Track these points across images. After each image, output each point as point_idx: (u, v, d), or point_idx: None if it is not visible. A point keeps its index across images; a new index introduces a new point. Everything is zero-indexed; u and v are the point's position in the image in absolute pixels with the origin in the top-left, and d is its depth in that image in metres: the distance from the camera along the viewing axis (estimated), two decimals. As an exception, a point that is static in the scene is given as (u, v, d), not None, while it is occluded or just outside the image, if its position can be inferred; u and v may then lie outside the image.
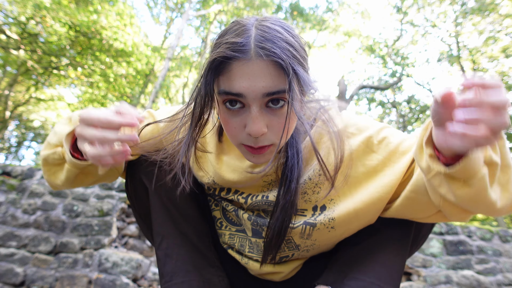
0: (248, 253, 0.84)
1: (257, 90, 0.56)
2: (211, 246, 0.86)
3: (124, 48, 9.55)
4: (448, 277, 3.11)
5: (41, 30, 8.49)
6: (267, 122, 0.59)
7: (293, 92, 0.55)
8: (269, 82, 0.56)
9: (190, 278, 0.76)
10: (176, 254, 0.78)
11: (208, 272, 0.80)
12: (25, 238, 2.86)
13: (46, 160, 0.71)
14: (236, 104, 0.59)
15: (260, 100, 0.57)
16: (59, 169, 0.72)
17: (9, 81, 10.88)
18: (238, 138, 0.63)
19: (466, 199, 0.54)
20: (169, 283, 0.76)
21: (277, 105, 0.59)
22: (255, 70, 0.55)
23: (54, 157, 0.70)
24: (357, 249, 0.77)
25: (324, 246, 0.81)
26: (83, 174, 0.73)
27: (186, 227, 0.81)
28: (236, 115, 0.61)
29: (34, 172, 3.23)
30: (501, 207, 0.55)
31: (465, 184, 0.52)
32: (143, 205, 0.85)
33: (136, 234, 3.12)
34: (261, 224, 0.79)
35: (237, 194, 0.81)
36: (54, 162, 0.71)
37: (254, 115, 0.58)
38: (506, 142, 0.53)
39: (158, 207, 0.81)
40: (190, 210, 0.83)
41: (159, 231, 0.80)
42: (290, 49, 0.57)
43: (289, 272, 0.86)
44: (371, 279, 0.70)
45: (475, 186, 0.51)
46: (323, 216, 0.74)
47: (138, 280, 2.82)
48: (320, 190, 0.74)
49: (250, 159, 0.66)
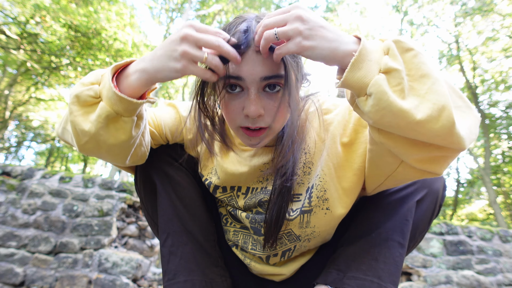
0: (251, 250, 0.85)
1: (256, 73, 0.61)
2: (216, 245, 0.86)
3: (124, 48, 9.56)
4: (448, 277, 3.11)
5: (41, 30, 8.49)
6: (264, 105, 0.64)
7: (289, 78, 0.61)
8: (266, 67, 0.61)
9: (193, 278, 0.76)
10: (180, 252, 0.78)
11: (211, 271, 0.80)
12: (25, 238, 2.86)
13: (78, 97, 0.62)
14: (236, 88, 0.64)
15: (258, 84, 0.62)
16: (91, 109, 0.63)
17: (9, 81, 10.88)
18: (237, 121, 0.67)
19: (375, 114, 0.53)
20: (172, 281, 0.76)
21: (274, 90, 0.64)
22: (254, 56, 0.61)
23: (89, 93, 0.62)
24: (355, 247, 0.77)
25: (324, 233, 0.82)
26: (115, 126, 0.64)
27: (193, 225, 0.82)
28: (235, 98, 0.65)
29: (34, 172, 3.23)
30: (423, 118, 0.50)
31: (367, 97, 0.53)
32: (151, 201, 0.86)
33: (136, 234, 3.12)
34: (259, 221, 0.80)
35: (236, 190, 0.82)
36: (87, 100, 0.62)
37: (252, 98, 0.62)
38: (420, 54, 0.52)
39: (165, 204, 0.81)
40: (198, 208, 0.84)
41: (164, 228, 0.81)
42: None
43: (290, 273, 0.87)
44: (370, 277, 0.71)
45: (374, 93, 0.52)
46: (316, 199, 0.76)
47: (138, 280, 2.82)
48: (310, 170, 0.77)
49: (247, 143, 0.70)
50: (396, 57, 0.53)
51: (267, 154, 0.79)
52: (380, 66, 0.52)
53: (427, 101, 0.51)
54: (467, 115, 0.55)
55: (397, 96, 0.51)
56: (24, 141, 16.47)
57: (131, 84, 0.61)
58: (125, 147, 0.68)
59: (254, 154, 0.79)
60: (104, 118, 0.62)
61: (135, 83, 0.61)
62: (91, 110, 0.63)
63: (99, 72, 0.65)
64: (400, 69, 0.51)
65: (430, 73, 0.52)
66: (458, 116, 0.53)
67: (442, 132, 0.51)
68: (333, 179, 0.76)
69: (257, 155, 0.79)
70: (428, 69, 0.52)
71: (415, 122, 0.51)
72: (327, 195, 0.76)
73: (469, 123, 0.55)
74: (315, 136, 0.77)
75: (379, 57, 0.53)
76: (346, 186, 0.76)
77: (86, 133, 0.62)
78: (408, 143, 0.57)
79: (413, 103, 0.51)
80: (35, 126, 15.57)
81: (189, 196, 0.83)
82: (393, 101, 0.51)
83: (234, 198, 0.83)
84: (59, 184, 3.13)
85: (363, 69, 0.52)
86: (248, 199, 0.81)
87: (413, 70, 0.52)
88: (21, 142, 16.40)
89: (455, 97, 0.55)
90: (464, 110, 0.55)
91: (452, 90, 0.55)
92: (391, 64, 0.52)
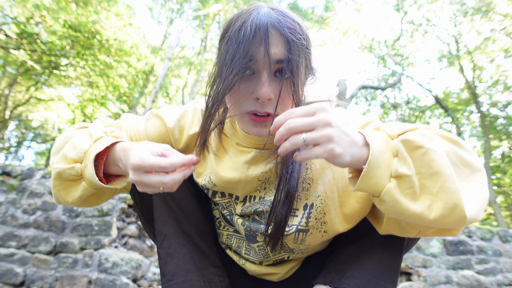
0: (245, 254, 0.85)
1: (269, 55, 0.61)
2: (213, 246, 0.86)
3: (124, 48, 9.55)
4: (448, 277, 3.11)
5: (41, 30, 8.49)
6: (273, 90, 0.64)
7: (298, 63, 0.62)
8: (280, 50, 0.62)
9: (191, 278, 0.76)
10: (177, 254, 0.78)
11: (209, 272, 0.80)
12: (25, 238, 2.86)
13: (60, 175, 0.67)
14: (247, 71, 0.64)
15: (269, 67, 0.63)
16: (73, 185, 0.68)
17: (9, 81, 10.87)
18: (244, 106, 0.66)
19: (391, 214, 0.57)
20: (170, 282, 0.76)
21: (284, 76, 0.63)
22: (268, 37, 0.61)
23: (71, 172, 0.66)
24: (354, 247, 0.77)
25: (318, 247, 0.82)
26: (96, 196, 0.73)
27: (189, 227, 0.81)
28: (246, 81, 0.65)
29: (34, 172, 3.23)
30: (436, 217, 0.52)
31: (381, 200, 0.56)
32: (145, 204, 0.86)
33: (136, 234, 3.11)
34: (254, 230, 0.79)
35: (233, 198, 0.81)
36: (69, 177, 0.67)
37: (264, 79, 0.63)
38: (430, 150, 0.53)
39: (160, 206, 0.81)
40: (193, 209, 0.84)
41: (161, 230, 0.81)
42: (298, 29, 0.64)
43: (286, 272, 0.87)
44: (368, 277, 0.71)
45: (386, 201, 0.54)
46: (315, 221, 0.74)
47: (138, 280, 2.82)
48: (309, 187, 0.75)
49: (251, 130, 0.69)
50: (405, 160, 0.53)
51: (264, 161, 0.76)
52: (391, 171, 0.54)
53: (439, 200, 0.52)
54: (475, 183, 0.55)
55: (409, 199, 0.53)
56: (24, 141, 16.46)
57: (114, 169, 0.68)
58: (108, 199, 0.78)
59: (251, 161, 0.77)
60: (87, 196, 0.69)
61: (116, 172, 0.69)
62: (73, 184, 0.69)
63: (81, 146, 0.67)
64: (410, 174, 0.53)
65: (440, 170, 0.52)
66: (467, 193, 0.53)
67: (455, 224, 0.53)
68: (335, 203, 0.74)
69: (254, 162, 0.77)
70: (438, 166, 0.52)
71: (428, 221, 0.53)
72: (326, 218, 0.74)
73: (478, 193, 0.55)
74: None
75: (388, 161, 0.54)
76: (347, 212, 0.73)
77: (70, 203, 0.71)
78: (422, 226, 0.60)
79: (425, 204, 0.53)
80: (35, 126, 15.56)
81: (184, 197, 0.83)
82: (406, 207, 0.53)
83: (233, 205, 0.82)
84: (59, 184, 3.13)
85: (374, 178, 0.54)
86: (245, 207, 0.80)
87: (423, 168, 0.53)
88: (21, 142, 16.39)
89: (463, 168, 0.55)
90: (471, 179, 0.55)
91: (460, 161, 0.56)
92: (401, 170, 0.53)
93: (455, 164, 0.55)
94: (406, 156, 0.54)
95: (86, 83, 11.17)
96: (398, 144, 0.55)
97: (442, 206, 0.51)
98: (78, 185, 0.68)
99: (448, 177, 0.52)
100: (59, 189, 0.69)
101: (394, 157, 0.55)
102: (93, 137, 0.69)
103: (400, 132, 0.57)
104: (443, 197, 0.51)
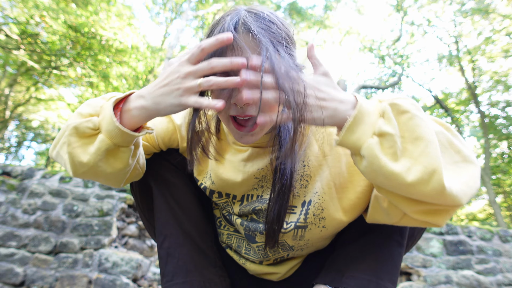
0: (245, 254, 0.86)
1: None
2: (214, 245, 0.87)
3: (124, 48, 9.56)
4: (448, 277, 3.12)
5: (41, 30, 8.49)
6: (252, 93, 0.61)
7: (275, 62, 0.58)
8: (253, 52, 0.61)
9: (192, 279, 0.76)
10: (178, 254, 0.78)
11: (209, 272, 0.80)
12: (25, 238, 2.86)
13: (76, 129, 0.64)
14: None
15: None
16: (89, 141, 0.65)
17: (9, 81, 10.88)
18: (227, 111, 0.65)
19: (369, 174, 0.57)
20: (170, 283, 0.76)
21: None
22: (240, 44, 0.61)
23: (88, 125, 0.63)
24: (354, 247, 0.78)
25: (318, 243, 0.82)
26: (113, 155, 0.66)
27: (189, 227, 0.82)
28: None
29: (34, 172, 3.23)
30: (413, 180, 0.52)
31: (361, 158, 0.57)
32: (147, 204, 0.86)
33: (136, 234, 3.12)
34: (253, 229, 0.79)
35: (231, 198, 0.82)
36: (85, 131, 0.64)
37: None
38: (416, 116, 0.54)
39: (161, 206, 0.81)
40: (194, 209, 0.84)
41: (161, 230, 0.81)
42: (274, 29, 0.64)
43: (286, 272, 0.87)
44: (368, 276, 0.71)
45: (366, 156, 0.55)
46: (313, 217, 0.75)
47: (138, 280, 2.82)
48: (307, 184, 0.76)
49: (240, 140, 0.68)
50: (390, 120, 0.55)
51: (262, 158, 0.77)
52: (374, 129, 0.55)
53: (419, 164, 0.52)
54: (465, 169, 0.57)
55: (389, 159, 0.53)
56: (24, 141, 16.47)
57: (131, 119, 0.63)
58: (122, 174, 0.71)
59: (248, 159, 0.77)
60: (104, 151, 0.64)
61: (136, 119, 0.63)
62: (89, 141, 0.65)
63: (97, 103, 0.66)
64: (393, 133, 0.53)
65: (424, 135, 0.53)
66: (453, 174, 0.55)
67: (433, 193, 0.53)
68: (333, 199, 0.74)
69: (251, 159, 0.77)
70: (422, 132, 0.53)
71: (406, 184, 0.53)
72: (324, 214, 0.75)
73: (466, 178, 0.56)
74: (317, 149, 0.76)
75: (374, 120, 0.56)
76: (346, 207, 0.74)
77: (84, 164, 0.64)
78: (405, 198, 0.58)
79: (404, 166, 0.53)
80: (35, 126, 15.57)
81: (185, 197, 0.83)
82: (384, 164, 0.53)
83: (230, 205, 0.83)
84: (59, 184, 3.14)
85: (357, 132, 0.55)
86: (243, 206, 0.81)
87: (407, 132, 0.54)
88: (21, 142, 16.40)
89: (452, 152, 0.57)
90: (461, 165, 0.57)
91: (449, 145, 0.57)
92: (384, 128, 0.54)
93: (442, 145, 0.56)
94: (391, 117, 0.55)
95: (86, 83, 11.18)
96: (386, 106, 0.57)
97: (420, 169, 0.52)
98: (94, 139, 0.64)
99: (430, 143, 0.53)
100: (75, 146, 0.64)
101: (380, 117, 0.56)
102: (105, 98, 0.68)
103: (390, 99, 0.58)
104: (422, 161, 0.52)
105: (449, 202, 0.54)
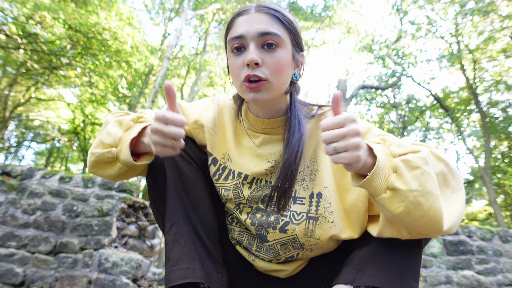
0: (255, 251, 0.89)
1: (253, 30, 0.75)
2: (217, 243, 0.88)
3: (124, 48, 9.55)
4: (448, 277, 3.11)
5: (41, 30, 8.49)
6: (262, 58, 0.75)
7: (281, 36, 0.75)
8: (263, 25, 0.75)
9: (195, 266, 0.78)
10: (184, 241, 0.80)
11: (209, 266, 0.81)
12: (25, 238, 2.86)
13: (99, 158, 0.79)
14: (240, 49, 0.77)
15: (256, 40, 0.75)
16: (110, 166, 0.81)
17: (9, 81, 10.88)
18: (240, 76, 0.77)
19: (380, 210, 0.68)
20: (174, 267, 0.77)
21: (271, 48, 0.75)
22: (253, 18, 0.76)
23: (108, 155, 0.78)
24: (370, 247, 0.77)
25: (326, 245, 0.84)
26: (130, 171, 0.84)
27: (195, 219, 0.84)
28: (239, 56, 0.78)
29: (34, 172, 3.23)
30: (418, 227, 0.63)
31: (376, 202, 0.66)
32: (159, 190, 0.88)
33: (136, 234, 3.11)
34: (266, 225, 0.83)
35: (241, 179, 0.87)
36: (107, 160, 0.79)
37: (251, 49, 0.74)
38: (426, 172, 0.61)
39: (173, 194, 0.84)
40: (203, 203, 0.87)
41: (170, 217, 0.83)
42: (281, 11, 0.79)
43: (294, 269, 0.89)
44: (391, 273, 0.70)
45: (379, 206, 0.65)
46: (323, 209, 0.81)
47: (138, 280, 2.82)
48: (315, 177, 0.83)
49: (248, 96, 0.78)
50: (402, 177, 0.62)
51: (273, 144, 0.86)
52: (388, 183, 0.62)
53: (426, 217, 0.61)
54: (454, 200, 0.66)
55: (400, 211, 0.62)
56: (24, 141, 16.47)
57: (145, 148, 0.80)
58: (138, 174, 0.89)
59: (260, 143, 0.87)
60: (123, 171, 0.81)
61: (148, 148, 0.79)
62: (110, 166, 0.81)
63: (116, 134, 0.79)
64: (404, 189, 0.61)
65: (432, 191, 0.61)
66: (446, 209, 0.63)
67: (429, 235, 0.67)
68: (336, 198, 0.81)
69: (263, 144, 0.87)
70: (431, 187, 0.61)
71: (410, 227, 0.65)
72: (332, 208, 0.81)
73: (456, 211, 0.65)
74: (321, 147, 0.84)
75: (387, 174, 0.63)
76: (347, 207, 0.81)
77: (107, 177, 0.84)
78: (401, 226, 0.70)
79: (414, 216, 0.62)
80: (35, 126, 15.56)
81: (195, 190, 0.86)
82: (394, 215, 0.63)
83: (240, 187, 0.87)
84: (59, 184, 3.13)
85: (373, 186, 0.63)
86: (254, 190, 0.86)
87: (420, 187, 0.61)
88: (21, 142, 16.40)
89: (445, 188, 0.66)
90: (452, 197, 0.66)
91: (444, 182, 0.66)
92: (396, 184, 0.61)
93: (440, 185, 0.64)
94: (404, 173, 0.61)
95: (86, 83, 11.17)
96: (398, 162, 0.63)
97: (427, 220, 0.61)
98: (114, 165, 0.80)
99: (436, 198, 0.61)
100: (98, 168, 0.82)
101: (393, 172, 0.63)
102: (124, 126, 0.81)
103: (402, 153, 0.65)
104: (429, 214, 0.60)
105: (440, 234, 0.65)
